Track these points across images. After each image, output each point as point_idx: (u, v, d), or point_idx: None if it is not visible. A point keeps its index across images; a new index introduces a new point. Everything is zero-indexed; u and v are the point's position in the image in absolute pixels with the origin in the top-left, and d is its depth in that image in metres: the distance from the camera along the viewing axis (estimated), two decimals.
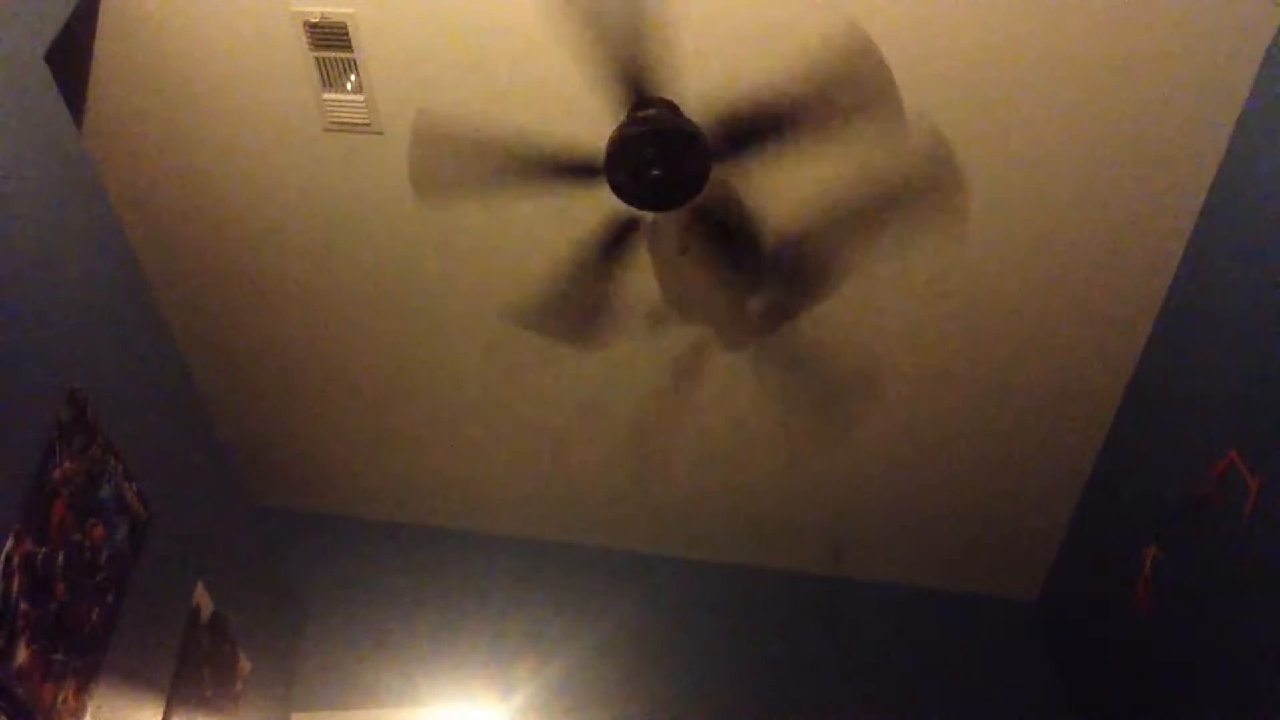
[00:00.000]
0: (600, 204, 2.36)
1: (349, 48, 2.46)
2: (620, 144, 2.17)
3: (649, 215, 2.46)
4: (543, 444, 3.44)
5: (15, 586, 1.68)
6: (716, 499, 3.54)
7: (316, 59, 2.49)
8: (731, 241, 2.55)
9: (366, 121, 2.58)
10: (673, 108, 2.29)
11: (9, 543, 1.67)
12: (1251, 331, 2.33)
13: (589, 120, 2.38)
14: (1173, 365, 2.70)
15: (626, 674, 3.42)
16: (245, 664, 2.76)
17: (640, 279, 2.79)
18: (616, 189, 2.22)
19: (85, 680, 1.91)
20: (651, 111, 2.24)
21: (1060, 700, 3.35)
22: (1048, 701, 3.37)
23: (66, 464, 1.86)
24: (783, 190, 2.56)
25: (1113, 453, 3.03)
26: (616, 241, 2.47)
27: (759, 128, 2.22)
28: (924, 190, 2.53)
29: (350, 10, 2.40)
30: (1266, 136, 2.27)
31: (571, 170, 2.31)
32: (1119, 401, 2.94)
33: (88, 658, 1.92)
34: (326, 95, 2.55)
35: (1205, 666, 2.50)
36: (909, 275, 2.76)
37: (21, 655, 1.69)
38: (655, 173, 2.16)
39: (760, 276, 2.68)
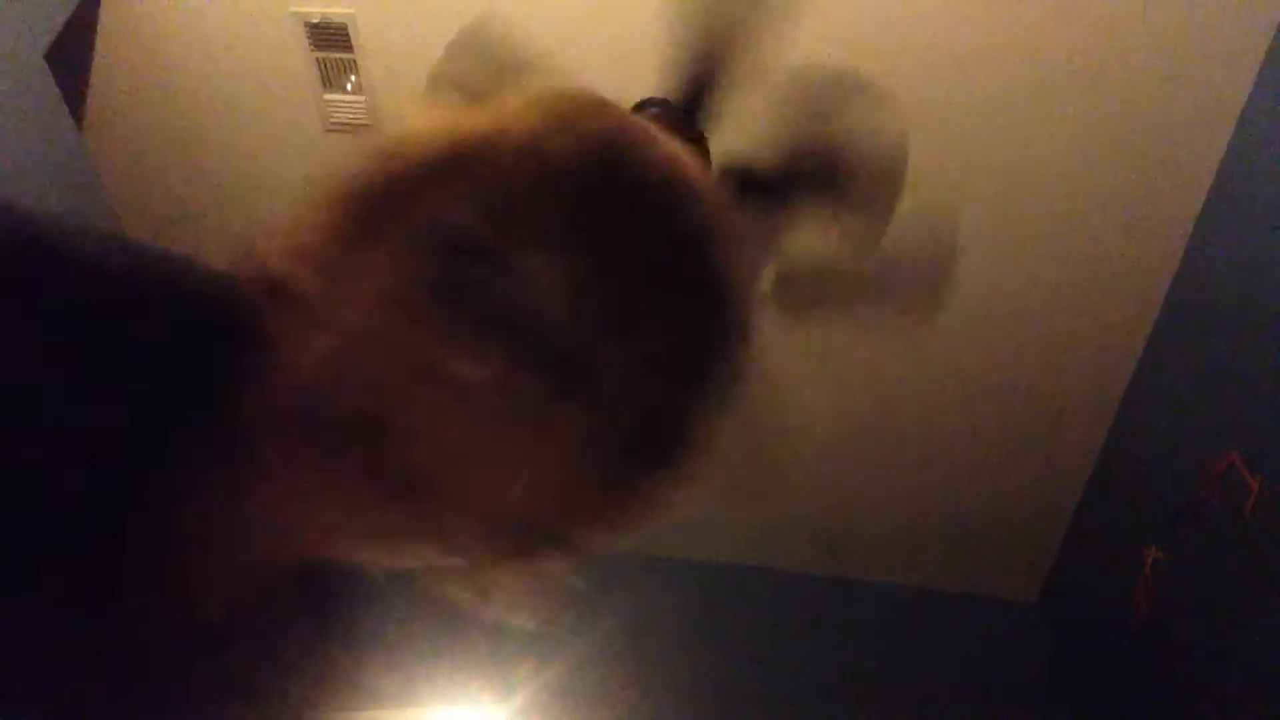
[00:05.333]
0: None
1: (349, 48, 2.46)
2: None
3: None
4: None
5: None
6: (716, 499, 3.54)
7: (317, 59, 2.49)
8: (751, 180, 2.38)
9: (367, 122, 2.58)
10: (671, 108, 2.29)
11: None
12: (1251, 331, 2.33)
13: None
14: (1173, 365, 2.69)
15: (626, 674, 3.42)
16: None
17: None
18: None
19: None
20: (654, 111, 2.24)
21: (1060, 701, 3.35)
22: (1048, 702, 3.37)
23: None
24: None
25: (1113, 453, 3.03)
26: None
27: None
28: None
29: (350, 10, 2.40)
30: (1266, 136, 2.26)
31: None
32: (1119, 401, 2.94)
33: None
34: (327, 96, 2.55)
35: (1206, 667, 2.50)
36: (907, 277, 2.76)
37: None
38: None
39: (786, 195, 2.42)
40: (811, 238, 2.21)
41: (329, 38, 2.45)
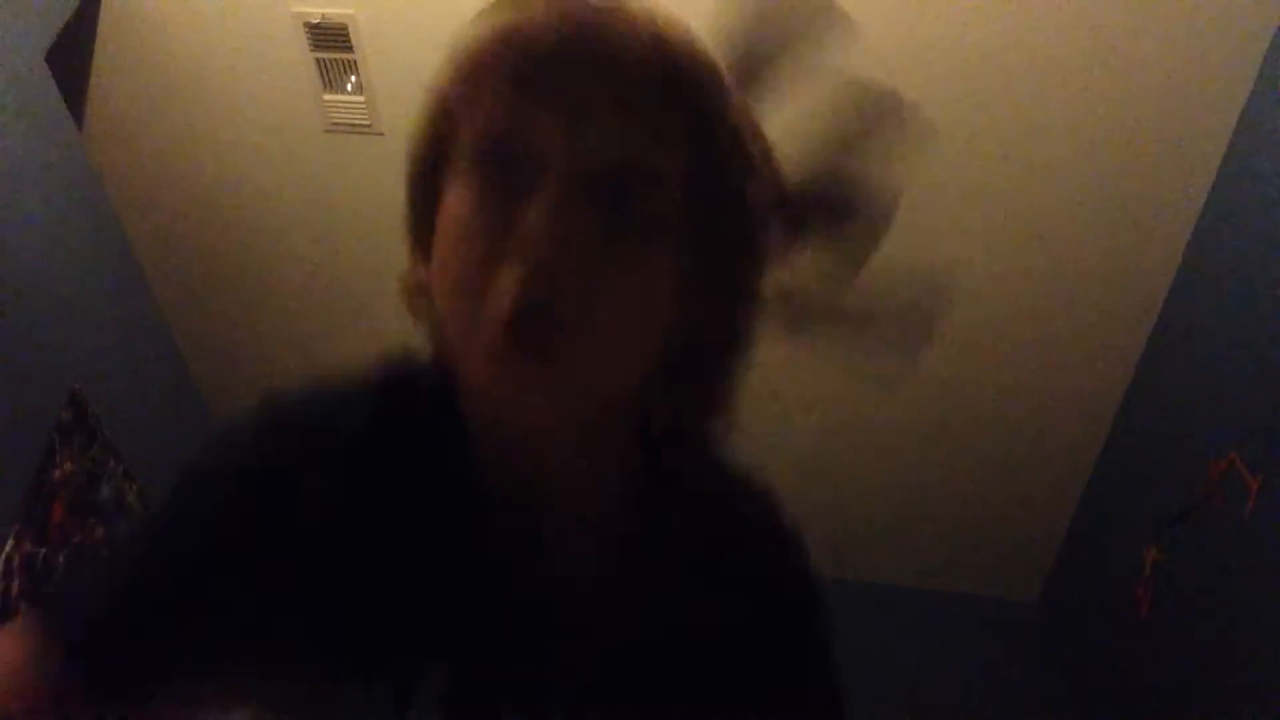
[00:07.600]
0: None
1: (349, 49, 2.46)
2: None
3: None
4: None
5: (15, 587, 1.68)
6: None
7: (317, 60, 2.49)
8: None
9: (367, 123, 2.58)
10: None
11: (9, 544, 1.67)
12: (1251, 331, 2.33)
13: None
14: (1173, 365, 2.70)
15: None
16: None
17: None
18: None
19: None
20: None
21: (1061, 701, 3.35)
22: (1048, 702, 3.37)
23: (66, 464, 1.86)
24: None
25: (1113, 453, 3.03)
26: None
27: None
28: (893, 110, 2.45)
29: (351, 11, 2.40)
30: (1266, 136, 2.27)
31: None
32: (1119, 401, 2.94)
33: None
34: (327, 96, 2.55)
35: (1206, 668, 2.50)
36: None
37: None
38: None
39: (803, 222, 2.54)
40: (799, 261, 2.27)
41: (329, 38, 2.45)
